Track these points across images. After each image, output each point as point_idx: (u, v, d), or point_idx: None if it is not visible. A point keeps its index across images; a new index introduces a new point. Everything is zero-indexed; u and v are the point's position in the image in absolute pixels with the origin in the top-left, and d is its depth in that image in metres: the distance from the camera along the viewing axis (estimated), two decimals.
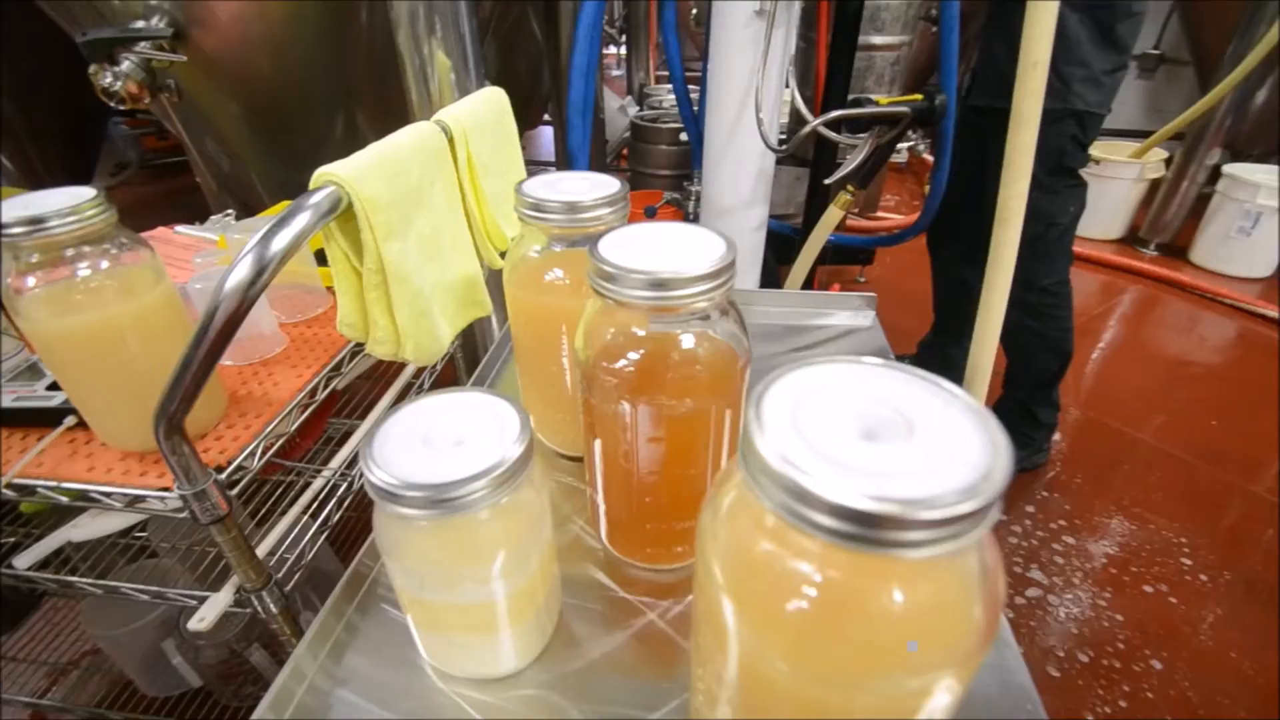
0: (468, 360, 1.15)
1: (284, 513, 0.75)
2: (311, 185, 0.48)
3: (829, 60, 1.34)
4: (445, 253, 0.64)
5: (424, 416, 0.33)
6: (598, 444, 0.40)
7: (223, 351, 0.46)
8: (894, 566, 0.21)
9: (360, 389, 1.09)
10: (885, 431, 0.21)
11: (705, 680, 0.28)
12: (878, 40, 1.84)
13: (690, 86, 1.54)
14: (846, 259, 2.41)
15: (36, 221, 0.46)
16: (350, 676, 0.40)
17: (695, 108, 1.48)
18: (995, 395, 1.57)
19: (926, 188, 1.52)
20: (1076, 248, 2.64)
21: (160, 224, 1.00)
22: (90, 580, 0.65)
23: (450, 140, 0.65)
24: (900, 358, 1.91)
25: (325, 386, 0.75)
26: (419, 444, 0.31)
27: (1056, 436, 1.65)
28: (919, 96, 0.97)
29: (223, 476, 0.57)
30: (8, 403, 0.58)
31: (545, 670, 0.39)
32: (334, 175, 0.48)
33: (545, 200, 0.44)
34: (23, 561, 0.64)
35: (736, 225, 1.24)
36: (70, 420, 0.58)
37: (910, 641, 0.21)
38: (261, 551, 0.68)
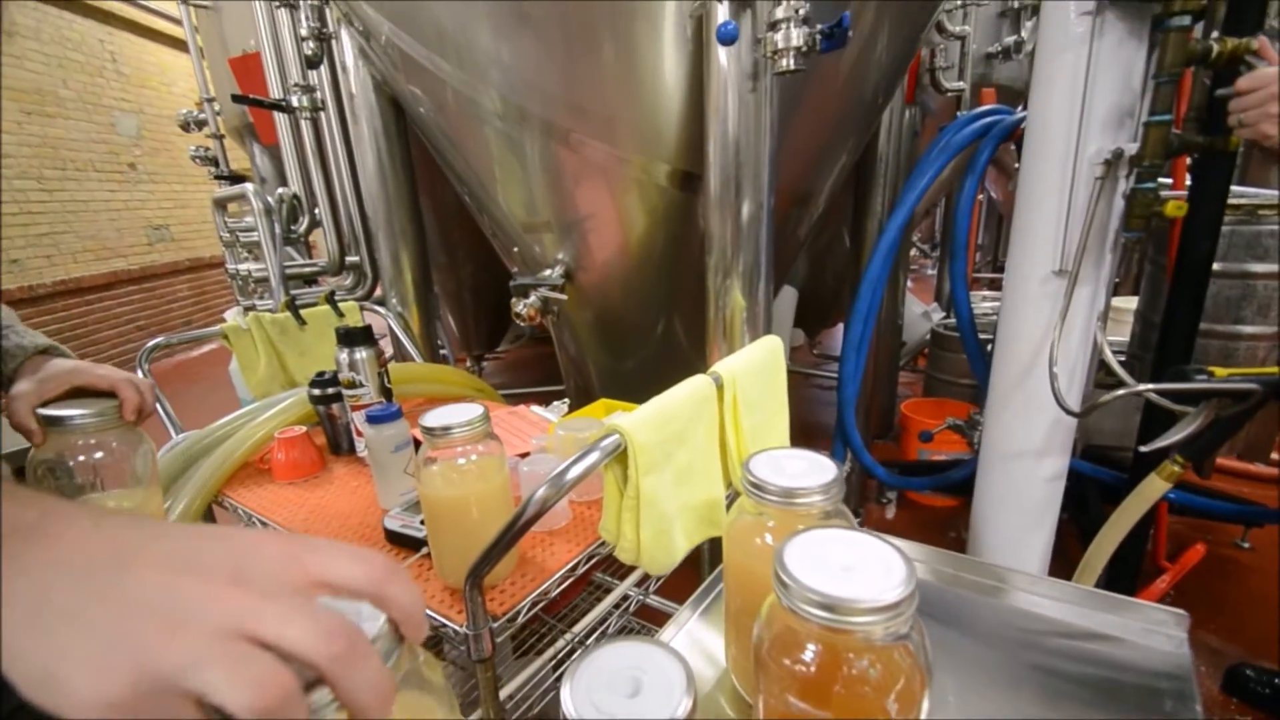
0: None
1: (530, 661, 0.89)
2: (603, 431, 0.65)
3: (1168, 304, 1.20)
4: (696, 480, 0.75)
5: (616, 660, 0.41)
6: (761, 709, 0.43)
7: (519, 539, 0.64)
8: None
9: None
10: None
11: None
12: (1258, 269, 1.54)
13: None
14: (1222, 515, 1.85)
15: (446, 427, 0.71)
16: None
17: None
18: None
19: None
20: None
21: (531, 378, 1.36)
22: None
23: (720, 386, 0.80)
24: None
25: (587, 561, 0.90)
26: (604, 688, 0.39)
27: None
28: (1277, 370, 0.79)
29: (496, 625, 0.73)
30: (396, 527, 0.85)
31: None
32: (620, 427, 0.64)
33: (765, 481, 0.52)
34: None
35: (1024, 475, 1.11)
36: (425, 549, 0.83)
37: None
38: (507, 691, 0.82)
